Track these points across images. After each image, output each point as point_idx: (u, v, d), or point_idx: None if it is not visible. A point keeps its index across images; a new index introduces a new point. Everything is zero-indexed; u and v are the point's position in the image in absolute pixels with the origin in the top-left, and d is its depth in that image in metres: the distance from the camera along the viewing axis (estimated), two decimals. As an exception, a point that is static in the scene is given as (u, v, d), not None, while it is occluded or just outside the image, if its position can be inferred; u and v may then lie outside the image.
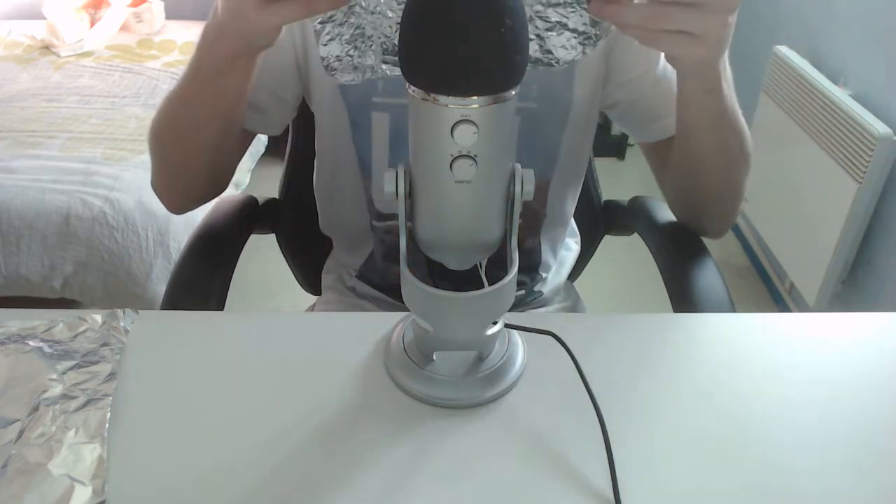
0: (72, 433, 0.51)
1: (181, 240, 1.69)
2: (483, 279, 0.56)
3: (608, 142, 2.66)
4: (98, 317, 0.62)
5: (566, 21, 0.67)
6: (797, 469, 0.52)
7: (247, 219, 0.93)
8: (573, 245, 0.99)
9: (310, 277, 1.07)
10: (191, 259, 0.81)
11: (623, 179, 2.59)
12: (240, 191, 1.78)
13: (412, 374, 0.58)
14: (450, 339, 0.57)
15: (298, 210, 0.98)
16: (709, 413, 0.56)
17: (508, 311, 0.56)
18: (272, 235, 1.03)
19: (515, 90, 0.47)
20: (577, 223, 0.99)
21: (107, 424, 0.52)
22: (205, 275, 0.81)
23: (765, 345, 0.63)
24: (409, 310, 0.56)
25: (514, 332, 0.62)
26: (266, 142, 2.18)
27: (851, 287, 1.72)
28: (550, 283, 0.93)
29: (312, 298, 1.06)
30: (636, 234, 0.96)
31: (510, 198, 0.52)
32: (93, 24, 2.51)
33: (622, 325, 0.65)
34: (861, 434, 0.55)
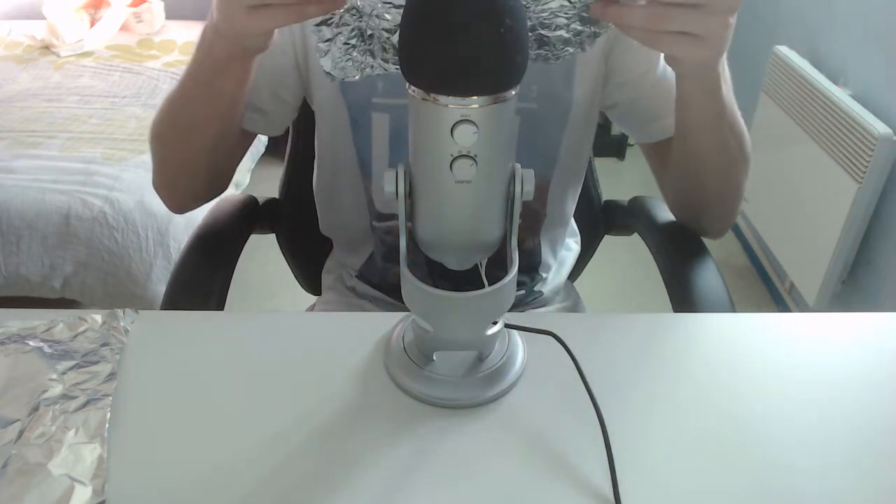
0: (72, 433, 0.51)
1: (181, 240, 1.69)
2: (483, 279, 0.56)
3: (608, 142, 2.66)
4: (98, 317, 0.62)
5: (570, 23, 0.67)
6: (797, 469, 0.52)
7: (247, 219, 0.94)
8: (573, 245, 0.99)
9: (310, 277, 1.07)
10: (191, 259, 0.81)
11: (623, 179, 2.59)
12: (240, 191, 1.78)
13: (412, 374, 0.58)
14: (450, 339, 0.57)
15: (298, 210, 0.98)
16: (709, 413, 0.56)
17: (508, 311, 0.56)
18: (272, 235, 1.03)
19: (515, 90, 0.47)
20: (577, 223, 0.99)
21: (107, 424, 0.52)
22: (205, 275, 0.81)
23: (765, 345, 0.63)
24: (409, 310, 0.56)
25: (514, 332, 0.61)
26: (266, 142, 2.18)
27: (851, 287, 1.72)
28: (550, 283, 0.93)
29: (312, 298, 1.06)
30: (636, 234, 0.96)
31: (510, 198, 0.52)
32: (93, 24, 2.51)
33: (622, 325, 0.65)
34: (861, 434, 0.55)
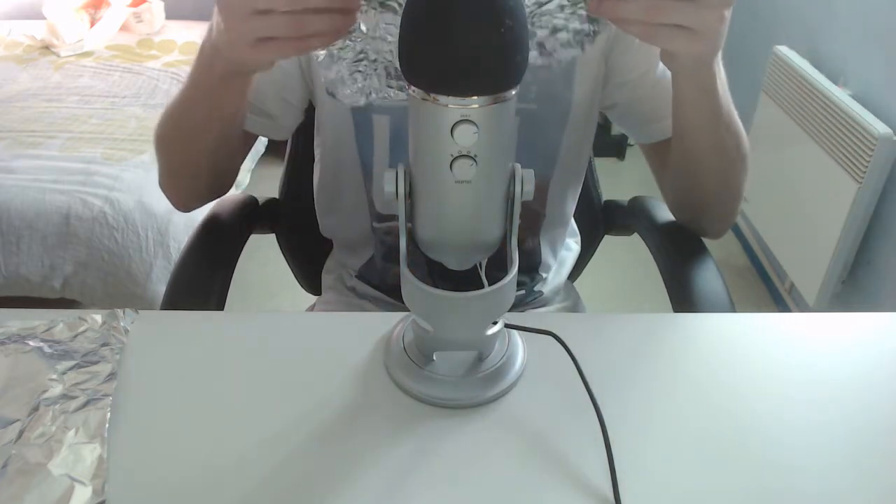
0: (72, 433, 0.51)
1: (181, 240, 1.69)
2: (483, 280, 0.56)
3: (608, 142, 2.66)
4: (98, 317, 0.62)
5: (567, 24, 0.67)
6: (797, 469, 0.52)
7: (247, 219, 0.94)
8: (573, 245, 0.99)
9: (310, 277, 1.07)
10: (191, 259, 0.81)
11: (623, 179, 2.59)
12: (240, 191, 1.78)
13: (412, 374, 0.58)
14: (450, 339, 0.57)
15: (298, 210, 0.98)
16: (709, 413, 0.56)
17: (508, 311, 0.56)
18: (272, 235, 1.03)
19: (515, 90, 0.47)
20: (577, 223, 0.99)
21: (107, 424, 0.52)
22: (205, 275, 0.81)
23: (765, 345, 0.63)
24: (409, 310, 0.56)
25: (514, 332, 0.61)
26: (266, 142, 2.18)
27: (851, 287, 1.72)
28: (550, 283, 0.93)
29: (312, 298, 1.06)
30: (636, 234, 0.96)
31: (510, 198, 0.52)
32: (93, 24, 2.51)
33: (622, 325, 0.65)
34: (861, 434, 0.55)
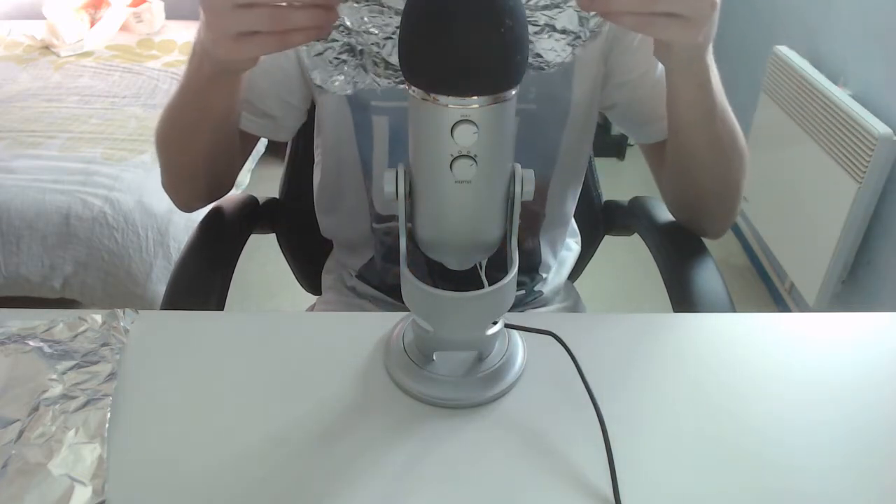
0: (72, 433, 0.51)
1: (181, 240, 1.69)
2: (484, 280, 0.56)
3: (608, 142, 2.66)
4: (98, 317, 0.62)
5: (553, 23, 0.67)
6: (797, 469, 0.52)
7: (247, 219, 0.94)
8: (573, 245, 0.99)
9: (310, 277, 1.07)
10: (191, 259, 0.81)
11: (623, 179, 2.59)
12: (240, 190, 1.78)
13: (412, 374, 0.58)
14: (450, 339, 0.57)
15: (298, 210, 0.98)
16: (708, 413, 0.56)
17: (508, 311, 0.56)
18: (272, 235, 1.03)
19: (515, 90, 0.47)
20: (578, 223, 0.99)
21: (107, 424, 0.52)
22: (205, 275, 0.81)
23: (765, 345, 0.63)
24: (409, 310, 0.56)
25: (514, 332, 0.61)
26: (266, 142, 2.18)
27: (851, 287, 1.72)
28: (550, 283, 0.93)
29: (312, 298, 1.06)
30: (636, 234, 0.96)
31: (510, 198, 0.52)
32: (93, 24, 2.51)
33: (622, 325, 0.65)
34: (861, 434, 0.55)
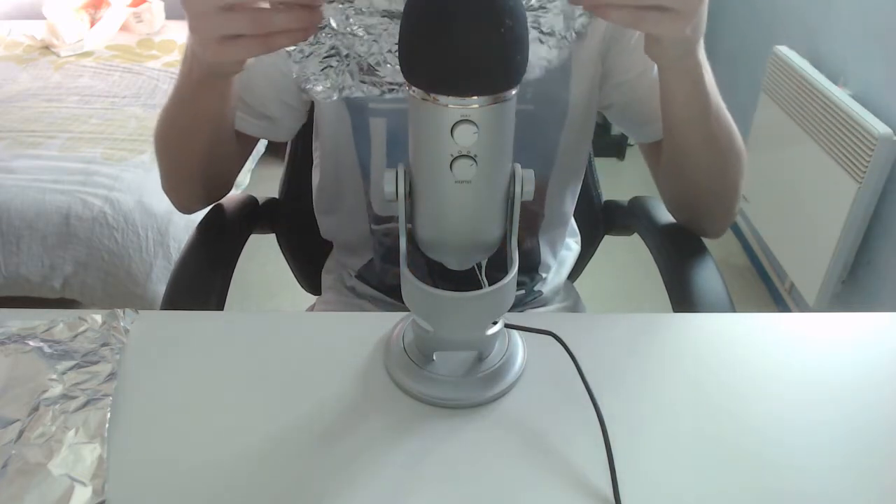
0: (72, 433, 0.51)
1: (181, 240, 1.69)
2: (483, 280, 0.56)
3: (608, 142, 2.66)
4: (98, 317, 0.62)
5: (538, 25, 0.66)
6: (797, 469, 0.52)
7: (247, 219, 0.94)
8: (573, 245, 0.99)
9: (310, 277, 1.07)
10: (191, 259, 0.81)
11: (623, 179, 2.59)
12: (240, 191, 1.78)
13: (412, 374, 0.58)
14: (450, 339, 0.57)
15: (298, 210, 0.98)
16: (708, 413, 0.56)
17: (508, 311, 0.56)
18: (272, 235, 1.03)
19: (515, 90, 0.47)
20: (578, 223, 0.99)
21: (107, 424, 0.52)
22: (205, 275, 0.81)
23: (765, 345, 0.63)
24: (409, 310, 0.56)
25: (514, 332, 0.61)
26: (266, 142, 2.18)
27: (851, 287, 1.72)
28: (550, 283, 0.93)
29: (312, 298, 1.06)
30: (636, 234, 0.96)
31: (510, 198, 0.52)
32: (93, 24, 2.51)
33: (622, 325, 0.65)
34: (861, 434, 0.55)
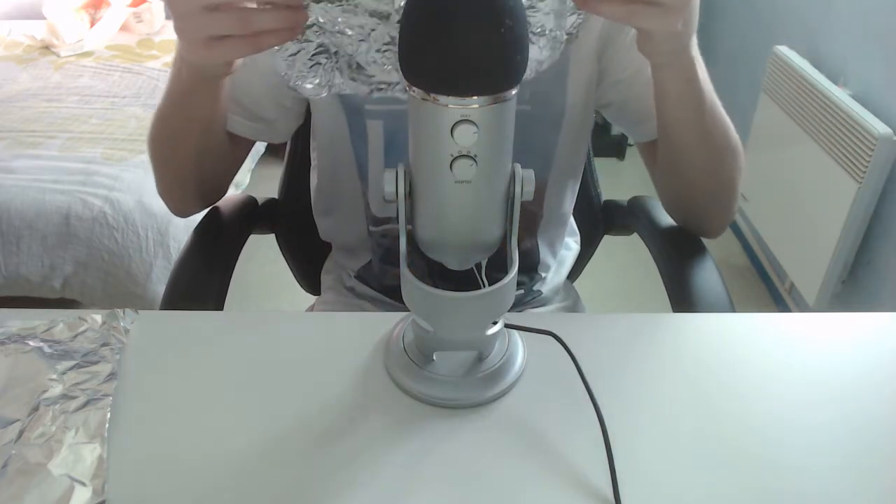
0: (72, 433, 0.51)
1: (181, 240, 1.69)
2: (482, 280, 0.56)
3: (608, 142, 2.66)
4: (98, 317, 0.62)
5: (529, 25, 0.66)
6: (797, 469, 0.52)
7: (247, 219, 0.94)
8: (573, 244, 0.99)
9: (309, 277, 1.07)
10: (190, 259, 0.81)
11: (623, 179, 2.59)
12: (240, 191, 1.78)
13: (412, 374, 0.58)
14: (450, 339, 0.57)
15: (298, 210, 0.98)
16: (708, 413, 0.56)
17: (508, 311, 0.56)
18: (272, 235, 1.03)
19: (515, 90, 0.47)
20: (577, 223, 0.99)
21: (107, 424, 0.52)
22: (204, 275, 0.81)
23: (765, 345, 0.63)
24: (409, 310, 0.56)
25: (514, 332, 0.61)
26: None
27: (851, 287, 1.72)
28: (550, 283, 0.93)
29: (312, 298, 1.06)
30: (636, 234, 0.96)
31: (510, 198, 0.52)
32: (93, 24, 2.51)
33: (622, 325, 0.65)
34: (861, 434, 0.55)
